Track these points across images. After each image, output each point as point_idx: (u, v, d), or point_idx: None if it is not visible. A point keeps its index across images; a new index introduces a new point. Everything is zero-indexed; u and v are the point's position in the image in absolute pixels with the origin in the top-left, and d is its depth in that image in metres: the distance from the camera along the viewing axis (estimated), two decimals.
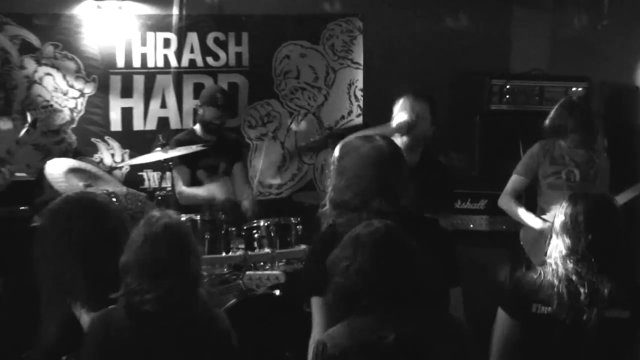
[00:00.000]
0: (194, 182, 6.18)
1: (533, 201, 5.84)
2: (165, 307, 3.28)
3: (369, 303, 2.93)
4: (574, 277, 3.50)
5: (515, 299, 3.61)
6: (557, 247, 3.60)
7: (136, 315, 3.27)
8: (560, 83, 6.83)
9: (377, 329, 2.89)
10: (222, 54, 6.89)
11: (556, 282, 3.52)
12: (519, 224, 5.79)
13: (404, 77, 7.07)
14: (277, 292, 5.24)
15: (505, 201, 5.80)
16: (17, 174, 5.85)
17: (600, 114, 6.85)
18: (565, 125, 5.62)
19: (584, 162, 5.65)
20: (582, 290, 3.49)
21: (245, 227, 5.50)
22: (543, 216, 5.62)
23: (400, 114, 5.04)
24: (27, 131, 5.89)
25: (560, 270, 3.54)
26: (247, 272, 5.13)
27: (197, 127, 6.31)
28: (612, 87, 7.21)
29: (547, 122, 5.72)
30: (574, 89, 6.76)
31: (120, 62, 6.62)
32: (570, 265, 3.52)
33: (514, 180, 5.78)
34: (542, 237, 5.35)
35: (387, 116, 5.11)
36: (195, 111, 6.58)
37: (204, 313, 3.42)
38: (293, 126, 7.14)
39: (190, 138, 6.19)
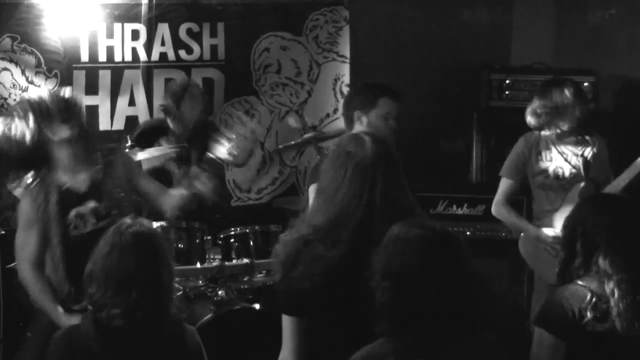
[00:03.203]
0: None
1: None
2: (133, 322, 3.41)
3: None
4: (623, 287, 3.52)
5: (563, 318, 3.57)
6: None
7: (105, 331, 3.44)
8: (566, 77, 6.76)
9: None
10: (195, 46, 6.96)
11: (609, 293, 3.53)
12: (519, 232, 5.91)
13: (394, 72, 7.15)
14: (257, 306, 5.40)
15: (497, 209, 5.73)
16: None
17: (608, 111, 7.00)
18: (552, 107, 5.51)
19: (574, 153, 5.57)
20: (631, 300, 3.52)
21: (222, 236, 5.62)
22: (538, 222, 5.60)
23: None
24: None
25: (611, 281, 3.53)
26: None
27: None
28: (622, 81, 7.35)
29: (528, 110, 5.61)
30: None
31: (85, 56, 6.62)
32: (618, 276, 3.52)
33: (502, 184, 5.69)
34: (541, 246, 5.49)
35: None
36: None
37: (174, 329, 3.57)
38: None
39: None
